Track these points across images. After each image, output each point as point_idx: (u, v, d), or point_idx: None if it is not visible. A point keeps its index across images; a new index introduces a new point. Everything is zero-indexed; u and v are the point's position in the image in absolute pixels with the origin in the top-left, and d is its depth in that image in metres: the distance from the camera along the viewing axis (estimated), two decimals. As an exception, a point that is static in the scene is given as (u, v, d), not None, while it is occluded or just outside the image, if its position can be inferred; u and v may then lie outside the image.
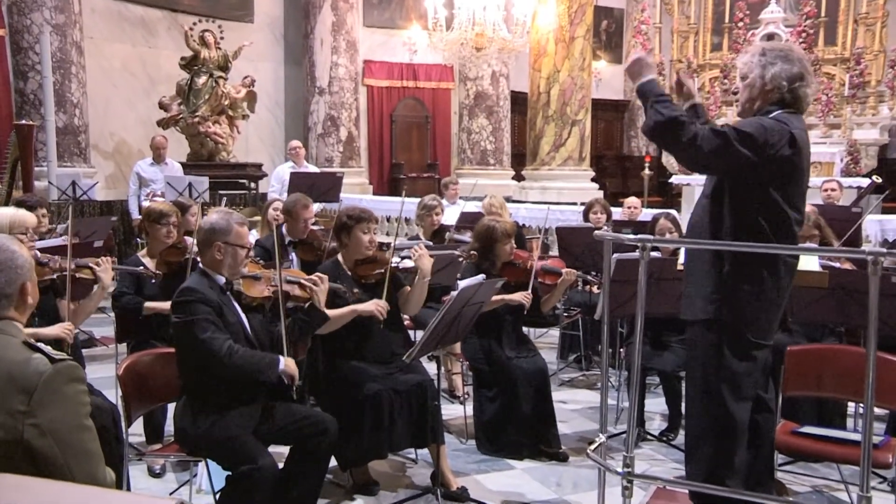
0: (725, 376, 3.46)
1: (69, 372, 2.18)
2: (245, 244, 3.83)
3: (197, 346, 3.56)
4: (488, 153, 16.67)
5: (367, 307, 4.38)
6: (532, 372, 5.06)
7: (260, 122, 15.05)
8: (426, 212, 7.19)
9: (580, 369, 7.20)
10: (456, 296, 3.95)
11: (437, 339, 4.07)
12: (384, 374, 4.43)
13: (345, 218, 4.61)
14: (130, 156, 13.52)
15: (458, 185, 9.50)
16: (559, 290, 5.41)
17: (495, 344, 5.19)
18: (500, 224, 5.31)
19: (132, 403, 3.68)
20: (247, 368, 3.61)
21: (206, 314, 3.58)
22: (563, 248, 6.79)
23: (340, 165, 14.90)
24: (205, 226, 3.80)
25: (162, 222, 5.18)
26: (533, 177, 14.85)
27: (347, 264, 4.65)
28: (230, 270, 3.81)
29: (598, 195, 11.23)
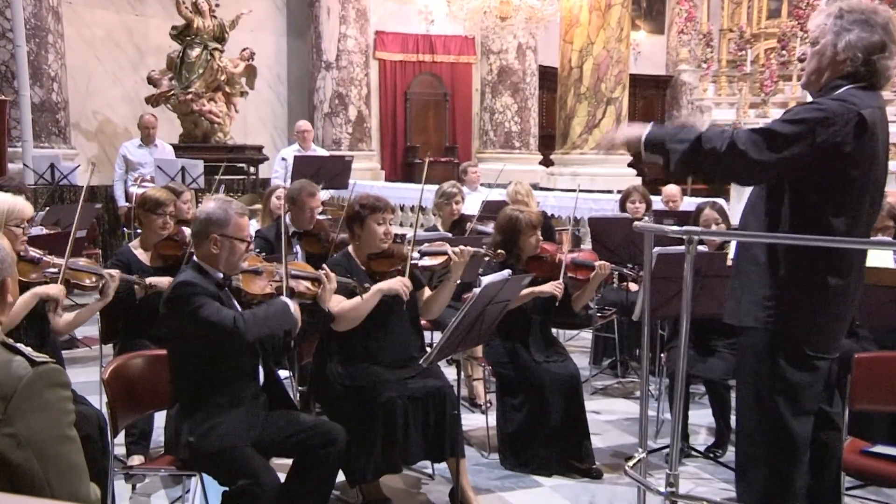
0: (781, 387, 3.36)
1: (51, 376, 2.17)
2: (245, 237, 3.84)
3: (213, 333, 3.57)
4: (513, 135, 16.64)
5: (391, 284, 4.37)
6: (562, 378, 5.05)
7: (260, 100, 15.09)
8: (445, 200, 7.18)
9: (615, 376, 7.20)
10: (478, 293, 3.93)
11: (457, 342, 4.06)
12: (399, 379, 4.43)
13: (357, 207, 4.61)
14: (116, 136, 13.60)
15: (480, 170, 9.48)
16: (592, 286, 5.40)
17: (521, 347, 5.18)
18: (524, 214, 5.30)
19: (119, 411, 3.70)
20: (266, 329, 3.65)
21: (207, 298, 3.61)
22: (596, 241, 6.77)
23: (349, 148, 14.91)
24: (200, 216, 3.82)
25: (158, 212, 5.18)
26: (563, 161, 14.80)
27: (360, 258, 4.65)
28: (227, 265, 3.82)
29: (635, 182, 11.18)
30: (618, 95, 14.39)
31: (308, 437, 3.79)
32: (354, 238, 4.65)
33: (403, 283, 4.39)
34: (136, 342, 4.83)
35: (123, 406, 3.75)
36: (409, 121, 16.86)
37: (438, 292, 4.71)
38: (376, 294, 4.37)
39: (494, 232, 5.46)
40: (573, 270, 5.42)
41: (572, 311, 5.40)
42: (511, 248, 5.25)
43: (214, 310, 3.59)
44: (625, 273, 6.02)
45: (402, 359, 4.53)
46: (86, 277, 4.48)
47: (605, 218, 7.28)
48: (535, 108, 16.96)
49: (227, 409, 3.66)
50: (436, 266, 4.72)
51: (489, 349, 5.29)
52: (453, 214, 7.19)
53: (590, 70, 14.28)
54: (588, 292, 5.43)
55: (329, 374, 4.48)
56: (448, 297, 4.73)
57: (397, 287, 4.37)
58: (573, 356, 5.40)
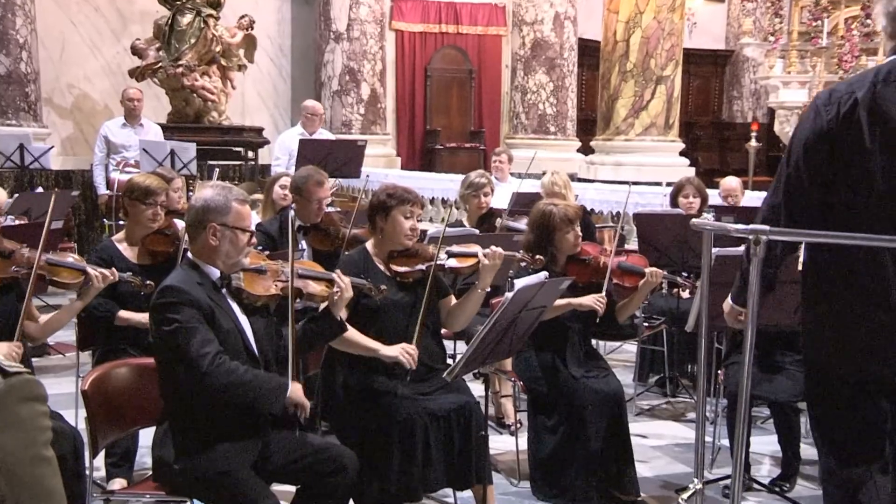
0: (819, 428, 3.42)
1: (25, 388, 2.17)
2: (247, 227, 3.84)
3: (179, 357, 3.57)
4: (548, 118, 16.60)
5: (391, 353, 4.35)
6: (604, 396, 5.04)
7: (260, 75, 15.12)
8: (472, 192, 7.17)
9: (664, 395, 7.19)
10: (510, 298, 3.93)
11: (485, 353, 4.06)
12: (418, 394, 4.44)
13: (384, 196, 4.60)
14: (95, 114, 13.65)
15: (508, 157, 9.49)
16: (641, 295, 5.39)
17: (557, 359, 5.18)
18: (558, 208, 5.30)
19: (100, 428, 3.72)
20: (240, 391, 3.60)
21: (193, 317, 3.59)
22: (643, 241, 6.75)
23: (361, 132, 14.92)
24: (196, 203, 3.81)
25: (148, 201, 5.17)
26: (605, 149, 14.77)
27: (380, 255, 4.66)
28: (228, 261, 3.81)
29: (689, 173, 11.14)
30: (669, 73, 14.34)
31: (315, 462, 3.79)
32: (376, 231, 4.66)
33: (405, 352, 4.35)
34: (118, 349, 4.85)
35: (105, 422, 3.77)
36: (430, 101, 16.85)
37: (465, 301, 4.70)
38: (369, 350, 4.39)
39: (527, 229, 5.47)
40: (619, 276, 5.41)
41: (616, 321, 5.39)
42: (545, 247, 5.25)
43: (191, 335, 3.55)
44: (678, 280, 5.95)
45: (423, 371, 4.52)
46: (68, 275, 4.48)
47: (654, 214, 7.25)
48: (573, 88, 16.91)
49: (224, 428, 3.66)
50: (463, 269, 4.72)
51: (520, 362, 5.29)
52: (481, 208, 7.18)
53: (637, 44, 14.24)
54: (635, 302, 5.42)
55: (339, 388, 4.49)
56: (476, 308, 4.73)
57: (396, 355, 4.35)
58: (616, 371, 5.40)
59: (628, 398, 5.87)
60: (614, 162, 14.35)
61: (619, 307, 5.39)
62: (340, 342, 4.33)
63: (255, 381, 3.64)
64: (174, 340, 3.56)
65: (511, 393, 6.29)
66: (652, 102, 14.29)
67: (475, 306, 4.70)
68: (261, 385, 3.66)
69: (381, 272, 4.60)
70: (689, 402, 7.04)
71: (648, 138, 14.37)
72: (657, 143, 14.37)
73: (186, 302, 3.60)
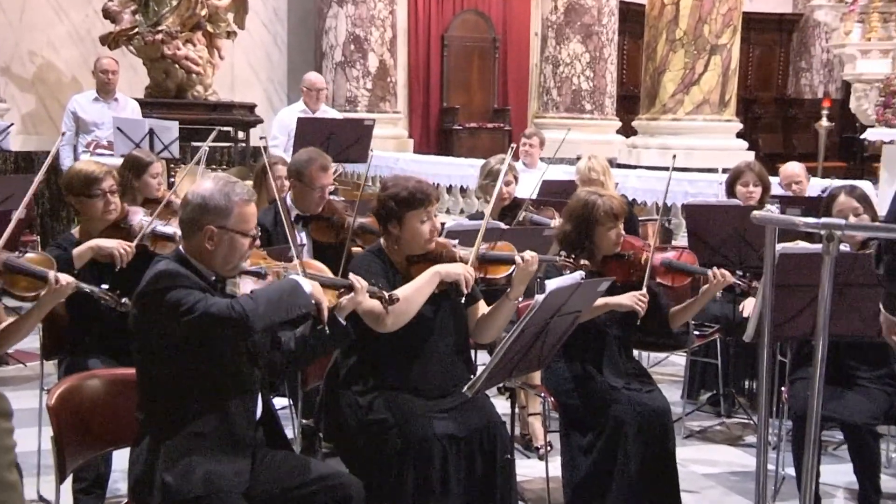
0: None
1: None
2: (249, 231, 3.84)
3: (211, 331, 3.60)
4: (584, 95, 16.60)
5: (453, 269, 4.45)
6: (647, 413, 5.03)
7: (252, 44, 15.14)
8: (493, 180, 7.15)
9: (717, 415, 7.18)
10: (541, 302, 3.94)
11: (511, 365, 4.07)
12: (436, 412, 4.44)
13: (391, 203, 4.55)
14: (61, 87, 13.67)
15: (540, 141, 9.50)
16: (702, 300, 5.38)
17: (593, 369, 5.19)
18: (603, 199, 5.27)
19: (68, 449, 3.73)
20: (276, 313, 3.69)
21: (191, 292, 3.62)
22: (694, 236, 6.75)
23: (368, 109, 14.94)
24: (193, 199, 3.81)
25: (93, 192, 5.17)
26: (649, 130, 14.73)
27: (397, 259, 4.65)
28: (225, 266, 3.84)
29: (748, 158, 11.10)
30: (726, 41, 14.29)
31: (316, 490, 3.81)
32: (389, 238, 4.64)
33: (467, 273, 4.44)
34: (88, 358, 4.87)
35: (74, 442, 3.78)
36: (447, 74, 16.87)
37: (494, 313, 4.72)
38: (433, 277, 4.42)
39: (563, 221, 5.47)
40: (664, 275, 5.42)
41: (667, 327, 5.40)
42: (583, 243, 5.25)
43: (209, 302, 3.59)
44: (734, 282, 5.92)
45: (443, 387, 4.54)
46: (21, 282, 4.42)
47: (707, 205, 7.23)
48: (613, 60, 16.89)
49: (214, 444, 3.68)
50: (498, 280, 4.71)
51: (550, 374, 5.29)
52: (504, 198, 7.18)
53: (689, 7, 14.20)
54: (694, 308, 5.43)
55: (344, 405, 4.50)
56: (507, 319, 4.75)
57: (460, 273, 4.43)
58: (661, 387, 5.40)
59: (676, 418, 5.87)
60: (660, 145, 14.29)
61: (674, 313, 5.40)
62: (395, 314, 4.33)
63: (271, 294, 3.73)
64: (195, 315, 3.56)
65: (540, 411, 6.27)
66: (705, 76, 14.23)
67: (506, 317, 4.72)
68: (278, 294, 3.74)
69: (401, 279, 4.57)
70: (748, 423, 7.01)
71: (700, 117, 14.31)
72: (710, 124, 14.32)
73: (184, 284, 3.63)
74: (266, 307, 3.64)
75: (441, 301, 4.57)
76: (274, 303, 3.68)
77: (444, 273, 4.42)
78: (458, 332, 4.65)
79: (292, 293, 3.76)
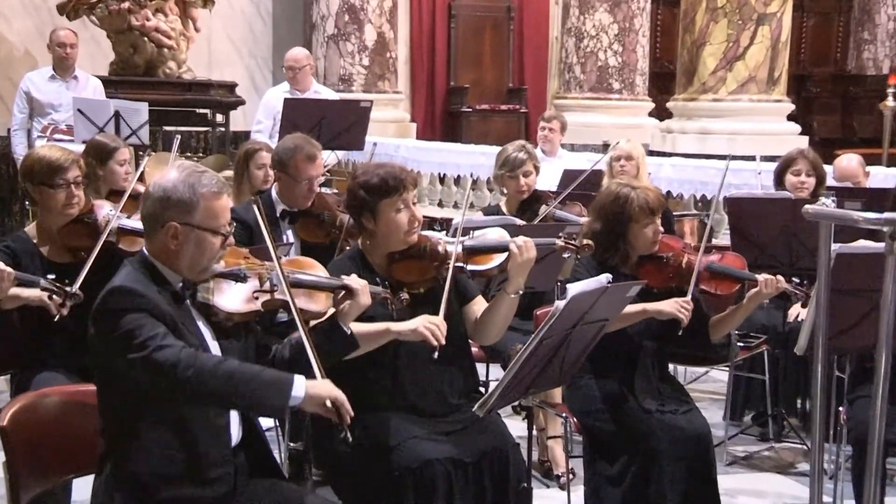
0: None
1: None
2: (220, 228, 3.79)
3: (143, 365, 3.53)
4: (611, 72, 16.59)
5: (408, 327, 4.31)
6: (685, 438, 5.04)
7: (232, 15, 15.17)
8: (509, 171, 7.16)
9: (764, 438, 7.17)
10: (561, 309, 3.92)
11: (528, 381, 4.06)
12: (439, 434, 4.44)
13: (359, 192, 4.58)
14: (12, 63, 13.69)
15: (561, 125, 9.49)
16: (747, 309, 5.36)
17: (622, 386, 5.19)
18: (637, 192, 5.27)
19: (22, 476, 3.72)
20: (231, 390, 3.53)
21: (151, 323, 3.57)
22: (738, 234, 6.76)
23: (365, 89, 14.96)
24: (154, 191, 3.78)
25: (55, 183, 5.16)
26: (687, 112, 14.71)
27: (376, 259, 4.66)
28: (193, 269, 3.80)
29: (800, 143, 11.08)
30: (775, 10, 14.27)
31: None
32: (365, 234, 4.67)
33: (428, 324, 4.26)
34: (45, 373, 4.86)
35: (29, 469, 3.77)
36: (455, 49, 16.88)
37: (493, 310, 4.70)
38: (383, 334, 4.32)
39: (591, 216, 5.47)
40: (707, 281, 5.41)
41: (706, 339, 5.38)
42: (615, 243, 5.24)
43: (161, 344, 3.52)
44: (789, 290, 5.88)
45: (445, 404, 4.55)
46: None
47: (753, 198, 7.20)
48: (644, 32, 16.89)
49: (183, 472, 3.66)
50: (489, 271, 4.70)
51: (573, 392, 5.30)
52: (522, 191, 7.16)
53: (732, -28, 14.20)
54: (738, 317, 5.41)
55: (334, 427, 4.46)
56: (510, 314, 4.72)
57: (419, 329, 4.25)
58: (701, 406, 5.42)
59: (717, 442, 5.87)
60: (699, 129, 14.29)
61: (714, 322, 5.38)
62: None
63: (245, 374, 3.57)
64: (128, 341, 3.53)
65: (561, 433, 6.25)
66: (751, 49, 14.21)
67: (506, 315, 4.69)
68: (255, 378, 3.57)
69: (382, 281, 4.57)
70: (800, 448, 7.00)
71: (746, 97, 14.29)
72: (757, 104, 14.29)
73: (143, 308, 3.59)
74: (223, 385, 3.51)
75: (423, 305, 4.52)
76: (237, 384, 3.52)
77: (397, 332, 4.30)
78: (452, 337, 4.52)
79: (272, 388, 3.56)
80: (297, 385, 3.56)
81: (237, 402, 3.62)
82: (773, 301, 6.72)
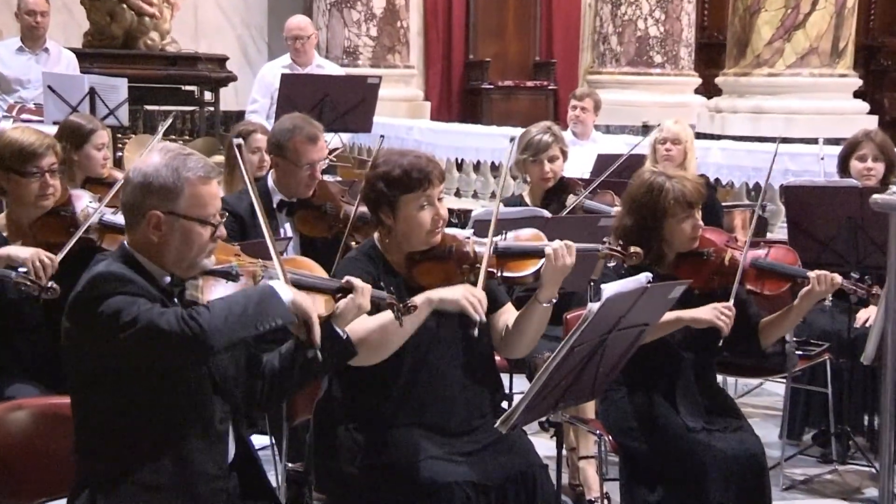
0: None
1: None
2: (208, 217, 3.80)
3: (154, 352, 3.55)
4: (652, 44, 16.61)
5: (451, 294, 4.33)
6: (734, 459, 5.04)
7: (223, -20, 15.22)
8: (532, 154, 7.16)
9: (827, 459, 7.14)
10: (595, 312, 3.92)
11: (557, 394, 4.06)
12: (458, 454, 4.44)
13: (379, 184, 4.55)
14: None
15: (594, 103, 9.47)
16: (801, 310, 5.35)
17: (663, 401, 5.20)
18: (672, 181, 5.28)
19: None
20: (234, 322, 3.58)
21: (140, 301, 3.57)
22: (795, 227, 6.78)
23: (373, 64, 15.03)
24: (134, 177, 3.79)
25: (27, 170, 5.19)
26: (738, 88, 14.73)
27: (393, 257, 4.65)
28: (179, 263, 3.80)
29: (868, 124, 11.06)
30: (841, -30, 14.27)
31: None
32: (383, 230, 4.66)
33: (470, 296, 4.31)
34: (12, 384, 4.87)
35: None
36: (474, 19, 16.93)
37: (524, 321, 4.69)
38: (425, 307, 4.32)
39: (622, 211, 5.49)
40: (753, 280, 5.43)
41: (756, 345, 5.38)
42: (649, 240, 5.23)
43: (156, 312, 3.54)
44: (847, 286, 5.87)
45: (465, 421, 4.55)
46: None
47: (813, 186, 7.22)
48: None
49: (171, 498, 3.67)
50: (524, 278, 4.68)
51: (608, 407, 5.34)
52: (547, 178, 7.16)
53: (790, -72, 14.19)
54: (791, 319, 5.42)
55: (340, 445, 4.51)
56: (542, 326, 4.73)
57: (461, 300, 4.30)
58: (753, 423, 5.42)
59: (773, 464, 5.89)
60: (753, 108, 14.31)
61: (764, 325, 5.38)
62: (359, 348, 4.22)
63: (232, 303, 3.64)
64: (134, 329, 3.51)
65: (595, 454, 6.23)
66: (813, 16, 14.22)
67: (538, 326, 4.68)
68: (241, 303, 3.64)
69: (401, 282, 4.58)
70: (867, 471, 6.98)
71: (806, 71, 14.30)
72: (820, 80, 14.31)
73: (130, 293, 3.59)
74: (227, 320, 3.57)
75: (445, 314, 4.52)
76: (237, 315, 3.60)
77: (439, 300, 4.33)
78: (476, 347, 4.59)
79: (262, 301, 3.66)
80: (278, 289, 3.71)
81: (249, 329, 3.63)
82: (838, 304, 6.67)
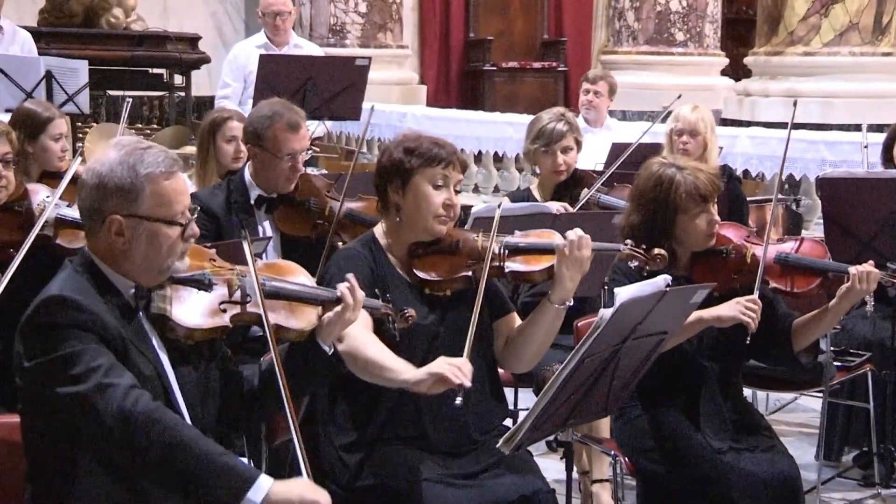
0: None
1: None
2: (175, 216, 3.78)
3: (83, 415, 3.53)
4: (673, 21, 16.60)
5: (423, 375, 4.17)
6: (766, 483, 5.05)
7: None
8: (544, 144, 7.20)
9: (867, 483, 7.15)
10: (609, 319, 3.95)
11: (566, 410, 4.09)
12: (456, 476, 4.45)
13: (399, 152, 4.59)
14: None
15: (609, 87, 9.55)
16: (839, 310, 5.35)
17: (685, 421, 5.22)
18: (684, 173, 5.28)
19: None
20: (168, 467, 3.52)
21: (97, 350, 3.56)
22: (832, 222, 6.78)
23: (362, 44, 14.99)
24: (89, 178, 3.78)
25: None
26: (770, 69, 14.72)
27: (396, 250, 4.68)
28: (148, 271, 3.79)
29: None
30: (884, -65, 14.28)
31: None
32: (388, 211, 4.66)
33: (450, 369, 4.14)
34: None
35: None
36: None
37: (533, 324, 4.70)
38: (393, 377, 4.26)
39: (629, 207, 5.51)
40: (778, 277, 5.45)
41: (789, 349, 5.37)
42: (658, 239, 5.22)
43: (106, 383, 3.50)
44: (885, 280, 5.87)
45: (466, 440, 4.58)
46: None
47: (852, 178, 7.25)
48: (717, -33, 16.93)
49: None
50: (535, 273, 4.69)
51: (624, 425, 5.36)
52: (559, 171, 7.21)
53: None
54: (828, 320, 5.41)
55: (325, 466, 4.52)
56: (552, 334, 4.74)
57: (442, 373, 4.13)
58: (787, 442, 5.42)
59: (808, 487, 5.89)
60: (785, 91, 14.28)
61: (795, 327, 5.36)
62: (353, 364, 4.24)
63: (194, 449, 3.51)
64: (62, 370, 3.52)
65: (609, 477, 6.25)
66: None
67: (550, 330, 4.70)
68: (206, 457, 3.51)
69: (400, 278, 4.61)
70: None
71: (845, 50, 14.28)
72: (860, 59, 14.28)
73: (84, 325, 3.57)
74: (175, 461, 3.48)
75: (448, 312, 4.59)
76: (191, 470, 3.49)
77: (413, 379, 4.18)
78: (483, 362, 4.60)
79: (224, 480, 3.51)
80: (258, 488, 3.50)
81: (180, 482, 3.53)
82: (880, 309, 6.72)
